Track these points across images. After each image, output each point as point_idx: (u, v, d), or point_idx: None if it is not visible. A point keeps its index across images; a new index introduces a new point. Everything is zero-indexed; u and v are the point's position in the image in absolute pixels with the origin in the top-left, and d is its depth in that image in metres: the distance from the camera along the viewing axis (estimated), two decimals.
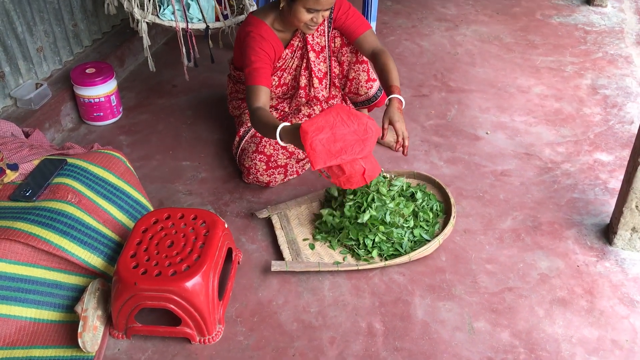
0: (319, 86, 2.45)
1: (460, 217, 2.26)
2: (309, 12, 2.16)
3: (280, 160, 2.42)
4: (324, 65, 2.44)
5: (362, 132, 1.88)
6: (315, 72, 2.42)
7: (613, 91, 3.06)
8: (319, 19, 2.19)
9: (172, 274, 1.75)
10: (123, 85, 3.12)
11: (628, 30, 3.70)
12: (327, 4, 2.15)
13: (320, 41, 2.40)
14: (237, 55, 2.43)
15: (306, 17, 2.17)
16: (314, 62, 2.41)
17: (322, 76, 2.45)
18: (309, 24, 2.20)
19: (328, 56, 2.44)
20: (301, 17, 2.17)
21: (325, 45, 2.41)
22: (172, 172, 2.53)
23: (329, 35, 2.41)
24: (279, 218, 2.23)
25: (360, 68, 2.48)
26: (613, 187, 2.40)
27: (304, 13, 2.16)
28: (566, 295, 1.95)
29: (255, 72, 2.17)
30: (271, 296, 1.97)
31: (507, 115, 2.88)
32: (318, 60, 2.42)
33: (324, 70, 2.44)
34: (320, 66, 2.43)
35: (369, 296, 1.96)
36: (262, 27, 2.25)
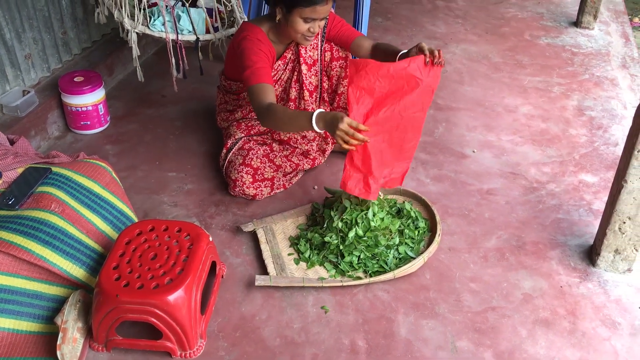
0: (309, 99, 2.46)
1: (445, 235, 2.27)
2: (305, 22, 2.18)
3: (267, 173, 2.41)
4: (315, 78, 2.45)
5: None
6: (306, 85, 2.43)
7: (599, 113, 3.10)
8: (315, 28, 2.21)
9: (155, 287, 1.74)
10: (111, 95, 3.10)
11: (614, 53, 3.75)
12: (324, 12, 2.17)
13: (312, 55, 2.42)
14: (230, 64, 2.43)
15: (303, 28, 2.19)
16: (306, 75, 2.42)
17: (313, 89, 2.46)
18: (306, 34, 2.22)
19: (320, 70, 2.45)
20: (298, 28, 2.19)
21: (317, 59, 2.43)
22: (158, 183, 2.52)
23: (321, 49, 2.42)
24: (264, 232, 2.22)
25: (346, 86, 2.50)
26: (597, 209, 2.42)
27: (301, 23, 2.18)
28: (549, 316, 1.96)
29: (258, 72, 2.15)
30: (254, 311, 1.96)
31: (494, 134, 2.90)
32: (310, 74, 2.43)
33: (314, 84, 2.45)
34: (312, 79, 2.44)
35: (352, 313, 1.96)
36: (259, 32, 2.27)
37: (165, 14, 2.50)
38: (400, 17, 4.23)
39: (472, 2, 4.57)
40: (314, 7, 2.15)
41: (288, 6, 2.16)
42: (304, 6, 2.14)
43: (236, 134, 2.50)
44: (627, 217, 2.01)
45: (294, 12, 2.16)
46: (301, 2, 2.13)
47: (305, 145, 2.49)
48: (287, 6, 2.17)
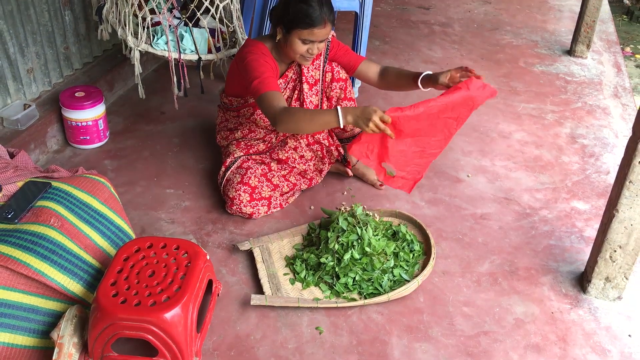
0: (308, 92, 2.50)
1: (439, 259, 2.30)
2: (304, 44, 2.24)
3: (265, 192, 2.44)
4: (316, 98, 2.49)
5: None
6: (306, 103, 2.47)
7: (591, 141, 3.15)
8: (314, 50, 2.27)
9: (152, 304, 1.75)
10: (111, 110, 3.13)
11: (606, 82, 3.83)
12: (322, 35, 2.23)
13: (314, 74, 2.47)
14: (232, 80, 2.47)
15: (302, 49, 2.25)
16: (307, 94, 2.46)
17: (313, 82, 2.49)
18: (305, 55, 2.28)
19: (321, 90, 2.49)
20: (297, 49, 2.25)
21: (319, 79, 2.48)
22: (156, 199, 2.54)
23: (323, 69, 2.47)
24: (260, 251, 2.24)
25: (348, 105, 2.53)
26: (588, 236, 2.45)
27: (300, 44, 2.23)
28: (540, 342, 1.98)
29: (266, 80, 2.18)
30: (249, 330, 1.97)
31: (488, 159, 2.95)
32: (311, 93, 2.47)
33: (315, 103, 2.49)
34: (312, 98, 2.48)
35: (346, 334, 1.97)
36: (262, 47, 2.32)
37: (169, 33, 2.54)
38: (398, 41, 4.30)
39: (468, 28, 4.66)
40: (312, 30, 2.20)
41: (287, 27, 2.22)
42: (302, 28, 2.20)
43: (235, 152, 2.53)
44: (618, 246, 2.05)
45: (292, 33, 2.22)
46: (299, 24, 2.19)
47: (303, 165, 2.52)
48: (286, 27, 2.23)
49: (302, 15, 2.19)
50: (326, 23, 2.23)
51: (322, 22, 2.21)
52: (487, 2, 5.18)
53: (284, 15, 2.23)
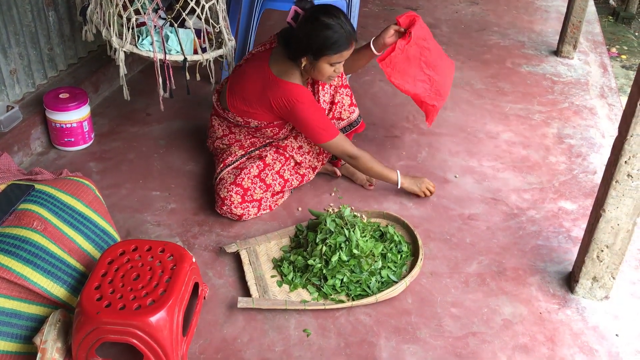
0: None
1: (427, 260, 2.29)
2: (332, 66, 2.27)
3: (257, 194, 2.42)
4: (327, 96, 2.51)
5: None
6: (320, 103, 2.48)
7: (578, 141, 3.16)
8: (340, 68, 2.35)
9: (137, 308, 1.73)
10: (96, 111, 3.10)
11: (593, 83, 3.84)
12: (349, 54, 2.31)
13: None
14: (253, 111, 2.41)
15: (330, 71, 2.32)
16: (321, 94, 2.49)
17: (326, 106, 2.50)
18: (332, 75, 2.33)
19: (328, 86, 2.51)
20: (325, 72, 2.32)
21: None
22: (142, 201, 2.51)
23: None
24: (247, 253, 2.22)
25: (344, 92, 2.54)
26: (576, 236, 2.46)
27: (328, 68, 2.31)
28: (528, 342, 1.98)
29: (326, 125, 2.39)
30: (236, 333, 1.95)
31: (476, 159, 2.95)
32: (323, 92, 2.51)
33: (327, 101, 2.51)
34: (325, 97, 2.51)
35: (334, 336, 1.96)
36: (306, 93, 2.37)
37: (154, 34, 2.51)
38: None
39: (456, 28, 4.66)
40: (341, 53, 2.27)
41: (316, 55, 2.25)
42: (331, 54, 2.24)
43: (237, 152, 2.52)
44: (605, 246, 2.05)
45: (321, 60, 2.27)
46: (329, 51, 2.24)
47: (299, 156, 2.51)
48: (314, 55, 2.25)
49: (330, 43, 2.22)
50: (352, 43, 2.29)
51: (349, 43, 2.26)
52: (475, 3, 5.19)
53: (309, 46, 2.24)
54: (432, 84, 2.63)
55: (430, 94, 2.62)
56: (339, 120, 2.59)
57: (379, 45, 2.57)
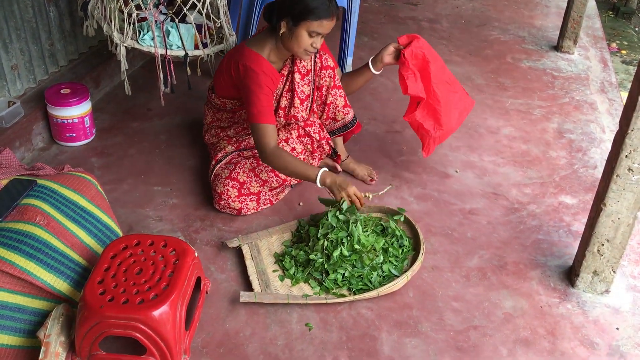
0: (300, 106, 2.48)
1: (428, 254, 2.30)
2: (310, 37, 2.25)
3: (253, 187, 2.43)
4: (308, 87, 2.49)
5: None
6: (297, 93, 2.46)
7: (578, 136, 3.17)
8: (317, 43, 2.29)
9: (140, 302, 1.73)
10: (97, 107, 3.10)
11: (593, 78, 3.85)
12: (329, 27, 2.27)
13: (306, 64, 2.47)
14: (223, 84, 2.45)
15: (307, 42, 2.26)
16: (298, 84, 2.46)
17: (305, 98, 2.49)
18: (308, 49, 2.29)
19: (312, 80, 2.49)
20: (302, 42, 2.26)
21: (311, 69, 2.47)
22: (143, 196, 2.52)
23: (315, 59, 2.47)
24: (249, 248, 2.23)
25: (337, 93, 2.54)
26: (576, 230, 2.47)
27: (306, 37, 2.25)
28: (529, 336, 1.99)
29: (264, 110, 2.26)
30: (238, 327, 1.96)
31: (477, 154, 2.95)
32: (302, 83, 2.47)
33: (306, 93, 2.49)
34: (304, 88, 2.48)
35: (336, 330, 1.97)
36: (263, 63, 2.31)
37: (155, 29, 2.52)
38: (386, 37, 4.30)
39: (456, 24, 4.66)
40: (322, 22, 2.22)
41: (295, 20, 2.22)
42: (312, 20, 2.21)
43: (226, 147, 2.52)
44: (606, 240, 2.06)
45: (300, 26, 2.23)
46: (309, 16, 2.20)
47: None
48: (294, 20, 2.22)
49: (312, 7, 2.21)
50: (334, 15, 2.26)
51: (331, 14, 2.24)
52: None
53: (292, 8, 2.23)
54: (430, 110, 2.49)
55: (428, 120, 2.51)
56: (333, 121, 2.59)
57: (377, 64, 2.54)
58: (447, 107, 2.51)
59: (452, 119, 2.54)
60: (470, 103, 2.66)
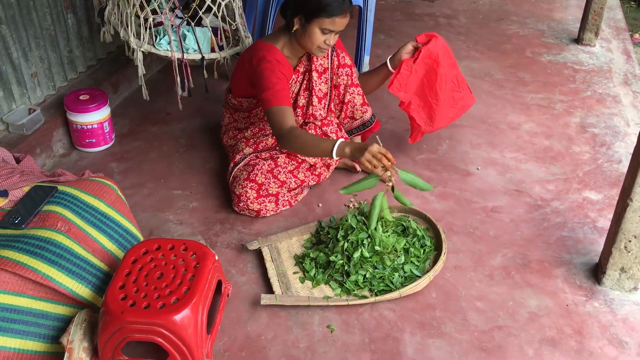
0: (318, 105, 2.48)
1: (450, 253, 2.27)
2: (323, 33, 2.25)
3: (272, 189, 2.42)
4: (325, 86, 2.48)
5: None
6: (315, 92, 2.46)
7: (601, 130, 3.11)
8: (331, 40, 2.28)
9: (161, 306, 1.73)
10: (116, 112, 3.12)
11: (616, 70, 3.77)
12: (342, 24, 2.26)
13: (323, 63, 2.47)
14: (240, 82, 2.46)
15: (320, 39, 2.26)
16: (316, 82, 2.46)
17: (322, 96, 2.49)
18: (322, 46, 2.29)
19: (330, 78, 2.48)
20: (315, 39, 2.26)
21: (328, 67, 2.47)
22: (163, 200, 2.52)
23: (332, 58, 2.46)
24: (269, 250, 2.22)
25: (355, 91, 2.52)
26: (602, 226, 2.42)
27: (319, 34, 2.24)
28: (555, 335, 1.95)
29: (278, 93, 2.23)
30: (260, 330, 1.95)
31: (498, 151, 2.91)
32: (320, 81, 2.46)
33: (324, 91, 2.49)
34: (322, 86, 2.47)
35: (358, 332, 1.95)
36: (276, 52, 2.32)
37: (171, 33, 2.52)
38: (403, 35, 4.26)
39: (474, 19, 4.61)
40: (334, 19, 2.22)
41: (308, 16, 2.22)
42: (324, 17, 2.21)
43: (244, 149, 2.52)
44: (633, 236, 2.01)
45: (313, 23, 2.23)
46: (321, 13, 2.20)
47: (311, 158, 2.50)
48: (306, 16, 2.22)
49: (324, 4, 2.21)
50: (346, 12, 2.25)
51: (343, 11, 2.23)
52: None
53: (304, 5, 2.23)
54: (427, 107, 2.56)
55: (421, 114, 2.57)
56: (352, 120, 2.58)
57: (395, 62, 2.54)
58: (445, 106, 2.57)
59: (446, 117, 2.60)
60: (470, 100, 2.69)
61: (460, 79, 2.62)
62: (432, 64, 2.48)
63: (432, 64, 2.48)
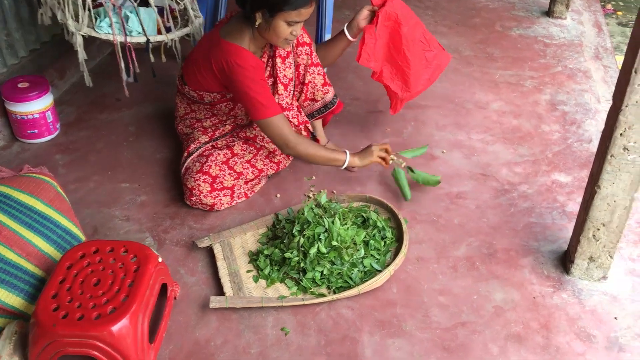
0: (284, 92, 2.32)
1: (413, 244, 2.16)
2: (289, 26, 2.08)
3: (227, 181, 2.28)
4: (290, 70, 2.32)
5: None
6: (280, 79, 2.30)
7: (572, 107, 3.00)
8: (297, 31, 2.12)
9: (96, 317, 1.61)
10: (63, 99, 2.94)
11: (587, 44, 3.66)
12: (308, 14, 2.10)
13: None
14: (202, 79, 2.23)
15: (286, 31, 2.10)
16: (280, 68, 2.29)
17: (287, 82, 2.33)
18: (288, 38, 2.13)
19: (293, 62, 2.32)
20: (281, 32, 2.10)
21: (291, 50, 2.30)
22: (110, 195, 2.37)
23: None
24: (221, 247, 2.09)
25: (315, 70, 2.37)
26: (571, 211, 2.32)
27: (284, 27, 2.08)
28: (521, 331, 1.86)
29: (269, 102, 2.15)
30: (209, 335, 1.83)
31: (464, 132, 2.79)
32: (284, 66, 2.30)
33: (289, 76, 2.33)
34: (286, 72, 2.31)
35: (314, 334, 1.84)
36: (248, 57, 2.14)
37: (112, 15, 2.34)
38: None
39: None
40: (299, 11, 2.05)
41: (272, 10, 2.04)
42: (289, 10, 2.03)
43: (200, 138, 2.37)
44: (601, 224, 1.91)
45: (277, 17, 2.05)
46: (286, 6, 2.03)
47: (271, 144, 2.36)
48: (270, 11, 2.04)
49: None
50: (312, 2, 2.08)
51: (309, 2, 2.06)
52: None
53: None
54: (399, 72, 2.42)
55: (395, 81, 2.44)
56: (312, 102, 2.43)
57: (353, 30, 2.38)
58: (418, 68, 2.43)
59: (421, 80, 2.47)
60: (446, 58, 2.54)
61: (429, 37, 2.48)
62: (393, 25, 2.35)
63: (394, 26, 2.35)
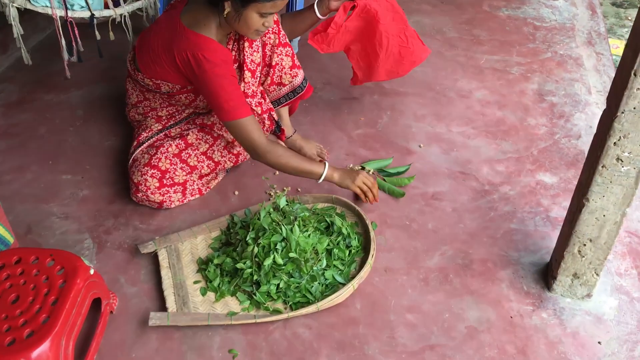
0: (251, 80, 2.07)
1: (382, 252, 1.96)
2: (261, 17, 1.82)
3: (178, 177, 2.06)
4: (258, 54, 2.07)
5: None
6: (247, 65, 2.05)
7: (560, 99, 2.79)
8: (270, 22, 1.87)
9: (10, 342, 1.41)
10: (5, 76, 2.68)
11: (579, 28, 3.44)
12: (283, 4, 1.84)
13: None
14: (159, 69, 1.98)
15: (258, 23, 1.85)
16: (247, 54, 2.04)
17: (255, 68, 2.08)
18: (260, 29, 1.87)
19: (261, 45, 2.08)
20: (252, 24, 1.84)
21: None
22: (48, 188, 2.14)
23: None
24: (167, 254, 1.88)
25: (284, 52, 2.12)
26: (555, 217, 2.13)
27: (257, 18, 1.83)
28: (495, 356, 1.68)
29: (238, 102, 1.90)
30: (147, 357, 1.63)
31: (444, 124, 2.58)
32: (251, 50, 2.05)
33: (257, 61, 2.08)
34: (254, 56, 2.06)
35: (265, 357, 1.65)
36: (216, 49, 1.88)
37: None
38: None
39: None
40: (275, 2, 1.80)
41: (244, 2, 1.78)
42: (264, 0, 1.77)
43: (153, 126, 2.13)
44: (588, 239, 1.72)
45: (250, 8, 1.79)
46: None
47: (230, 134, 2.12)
48: (242, 1, 1.78)
49: None
50: None
51: None
52: None
53: None
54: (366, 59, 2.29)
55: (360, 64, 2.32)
56: (279, 86, 2.19)
57: (322, 8, 2.15)
58: (388, 62, 2.27)
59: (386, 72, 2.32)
60: (423, 53, 2.34)
61: (410, 32, 2.28)
62: (370, 19, 2.15)
63: (371, 20, 2.15)
